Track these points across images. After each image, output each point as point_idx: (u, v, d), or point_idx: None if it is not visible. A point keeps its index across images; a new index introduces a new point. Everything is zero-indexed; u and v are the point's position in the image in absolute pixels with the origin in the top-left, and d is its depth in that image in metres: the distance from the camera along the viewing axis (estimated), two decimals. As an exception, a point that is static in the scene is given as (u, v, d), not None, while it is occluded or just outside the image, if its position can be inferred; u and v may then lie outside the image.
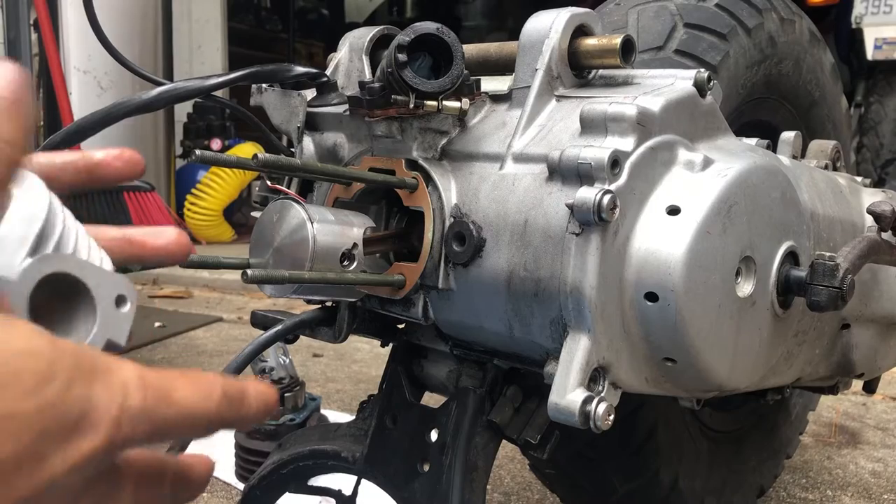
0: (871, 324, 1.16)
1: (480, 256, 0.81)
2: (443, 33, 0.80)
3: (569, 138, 0.80)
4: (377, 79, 0.83)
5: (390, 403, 0.99)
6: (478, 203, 0.82)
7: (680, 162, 0.80)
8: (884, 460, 1.93)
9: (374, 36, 0.99)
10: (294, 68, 0.96)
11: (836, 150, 1.22)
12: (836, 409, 2.26)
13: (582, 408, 0.72)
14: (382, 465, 0.97)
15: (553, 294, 0.75)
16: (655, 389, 0.83)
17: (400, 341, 1.00)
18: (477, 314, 0.83)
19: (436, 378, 0.98)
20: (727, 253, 0.79)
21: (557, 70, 0.85)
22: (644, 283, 0.76)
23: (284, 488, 1.03)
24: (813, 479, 1.82)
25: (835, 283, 0.84)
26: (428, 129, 0.87)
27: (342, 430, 1.02)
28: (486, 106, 0.89)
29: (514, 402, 0.91)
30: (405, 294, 0.86)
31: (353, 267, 0.80)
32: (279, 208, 0.80)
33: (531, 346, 0.81)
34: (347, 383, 2.43)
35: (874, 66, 4.50)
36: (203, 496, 1.71)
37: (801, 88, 1.38)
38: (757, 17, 1.22)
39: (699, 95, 0.84)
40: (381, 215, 0.93)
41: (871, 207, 1.02)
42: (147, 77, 1.09)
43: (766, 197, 0.85)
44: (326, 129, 0.98)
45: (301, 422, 1.74)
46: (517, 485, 1.75)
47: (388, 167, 0.88)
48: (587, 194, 0.71)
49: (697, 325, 0.77)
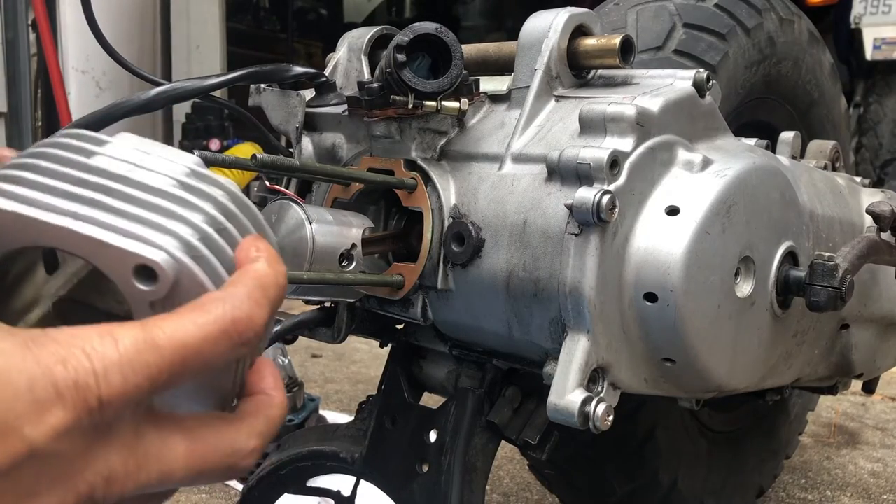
0: (870, 324, 1.16)
1: (479, 257, 0.81)
2: (442, 33, 0.80)
3: (568, 138, 0.80)
4: (376, 79, 0.83)
5: (389, 404, 0.98)
6: (477, 203, 0.82)
7: (679, 162, 0.80)
8: (883, 460, 1.93)
9: (372, 36, 0.99)
10: (293, 68, 0.95)
11: (835, 151, 1.22)
12: (835, 409, 2.26)
13: (581, 408, 0.72)
14: (381, 466, 0.97)
15: (552, 294, 0.75)
16: (655, 390, 0.83)
17: (399, 342, 1.00)
18: (476, 315, 0.83)
19: (435, 379, 0.98)
20: (726, 253, 0.79)
21: (556, 70, 0.85)
22: (643, 284, 0.76)
23: (283, 489, 1.03)
24: (812, 479, 1.82)
25: (834, 283, 0.84)
26: (427, 130, 0.87)
27: (341, 431, 1.02)
28: (485, 106, 0.89)
29: (513, 403, 0.91)
30: (404, 294, 0.86)
31: (352, 267, 0.80)
32: (278, 208, 0.80)
33: (530, 347, 0.81)
34: (346, 384, 2.43)
35: (873, 67, 4.49)
36: (202, 497, 1.71)
37: (801, 88, 1.37)
38: (756, 18, 1.22)
39: (698, 96, 0.83)
40: (380, 216, 0.92)
41: (871, 207, 1.02)
42: (145, 77, 1.08)
43: (766, 197, 0.85)
44: (325, 130, 0.98)
45: (300, 423, 1.74)
46: (516, 485, 1.74)
47: (387, 167, 0.88)
48: (586, 194, 0.71)
49: (696, 325, 0.77)
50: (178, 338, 0.40)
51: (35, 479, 0.36)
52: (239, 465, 0.44)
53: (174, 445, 0.42)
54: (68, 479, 0.38)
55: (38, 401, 0.36)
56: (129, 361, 0.38)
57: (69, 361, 0.37)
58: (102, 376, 0.37)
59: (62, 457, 0.37)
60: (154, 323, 0.40)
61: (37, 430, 0.36)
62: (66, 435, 0.36)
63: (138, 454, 0.40)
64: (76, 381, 0.36)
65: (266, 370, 0.48)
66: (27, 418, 0.35)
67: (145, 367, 0.38)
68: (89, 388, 0.37)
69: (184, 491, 1.72)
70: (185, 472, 0.42)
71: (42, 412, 0.36)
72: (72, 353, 0.37)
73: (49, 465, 0.37)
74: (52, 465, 0.37)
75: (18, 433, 0.35)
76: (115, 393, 0.37)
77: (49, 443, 0.36)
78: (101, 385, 0.37)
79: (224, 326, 0.41)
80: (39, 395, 0.36)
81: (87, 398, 0.37)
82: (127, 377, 0.38)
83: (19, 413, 0.35)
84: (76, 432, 0.37)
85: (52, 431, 0.36)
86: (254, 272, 0.44)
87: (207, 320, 0.41)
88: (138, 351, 0.38)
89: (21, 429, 0.35)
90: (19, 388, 0.35)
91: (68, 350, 0.37)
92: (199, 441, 0.43)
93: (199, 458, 0.43)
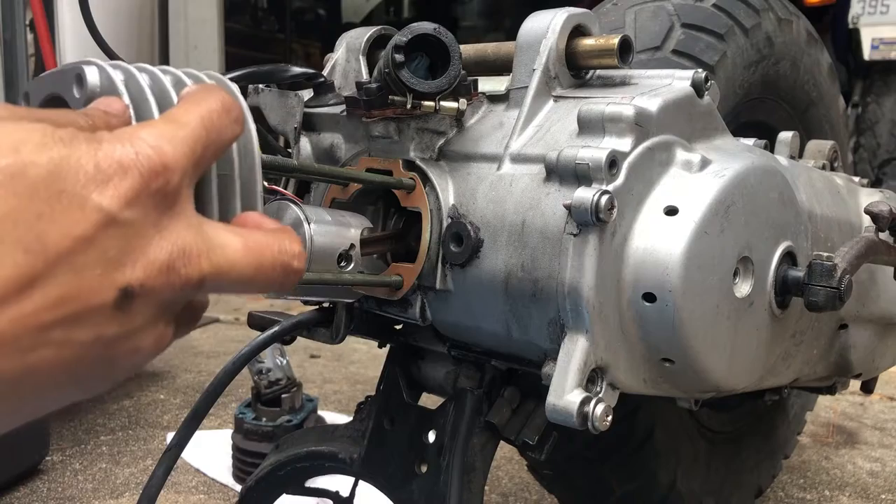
0: (868, 324, 1.16)
1: (478, 257, 0.81)
2: (440, 33, 0.80)
3: (566, 139, 0.80)
4: (374, 79, 0.83)
5: (388, 405, 0.98)
6: (475, 204, 0.82)
7: (678, 162, 0.80)
8: (881, 460, 1.94)
9: (371, 36, 0.99)
10: (291, 69, 0.95)
11: (833, 150, 1.22)
12: (833, 409, 2.26)
13: (580, 409, 0.72)
14: (380, 467, 0.97)
15: (551, 295, 0.75)
16: (653, 390, 0.83)
17: (397, 342, 1.00)
18: (474, 315, 0.83)
19: (433, 379, 0.98)
20: (725, 253, 0.79)
21: (555, 70, 0.85)
22: (642, 284, 0.76)
23: (281, 490, 1.03)
24: (811, 479, 1.82)
25: (832, 283, 0.84)
26: (425, 130, 0.87)
27: (339, 432, 1.02)
28: (484, 106, 0.89)
29: (511, 403, 0.91)
30: (403, 295, 0.86)
31: (351, 268, 0.80)
32: (276, 209, 0.79)
33: (529, 347, 0.81)
34: (345, 384, 2.43)
35: (871, 66, 4.50)
36: (200, 497, 1.71)
37: (799, 89, 1.38)
38: (754, 18, 1.22)
39: (697, 96, 0.83)
40: (379, 216, 0.92)
41: (869, 207, 1.02)
42: (143, 77, 1.08)
43: (764, 197, 0.85)
44: (323, 130, 0.98)
45: (298, 423, 1.74)
46: (515, 486, 1.74)
47: (386, 168, 0.88)
48: (585, 195, 0.71)
49: (695, 325, 0.77)
50: (192, 116, 0.46)
51: (118, 248, 0.40)
52: (292, 265, 0.49)
53: (232, 238, 0.46)
54: (148, 247, 0.42)
55: (105, 173, 0.40)
56: (171, 136, 0.44)
57: (124, 140, 0.42)
58: (156, 147, 0.42)
59: (137, 225, 0.41)
60: (169, 113, 0.47)
61: (109, 198, 0.40)
62: (137, 201, 0.41)
63: (205, 235, 0.45)
64: (137, 153, 0.42)
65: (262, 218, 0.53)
66: (100, 189, 0.40)
67: (183, 140, 0.44)
68: (149, 157, 0.42)
69: (182, 491, 1.72)
70: (247, 263, 0.46)
71: (109, 182, 0.40)
72: (125, 134, 0.42)
73: (127, 233, 0.41)
74: (130, 233, 0.41)
75: (93, 203, 0.39)
76: (170, 158, 0.43)
77: (122, 209, 0.40)
78: (157, 154, 0.42)
79: (220, 103, 0.48)
80: (105, 169, 0.40)
81: (149, 165, 0.42)
82: (176, 146, 0.43)
83: (92, 186, 0.39)
84: (145, 199, 0.41)
85: (123, 198, 0.40)
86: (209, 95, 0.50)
87: (209, 102, 0.48)
88: (173, 129, 0.44)
89: (95, 199, 0.39)
90: (87, 166, 0.40)
91: (120, 134, 0.42)
92: (251, 238, 0.47)
93: (256, 251, 0.47)
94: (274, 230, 0.50)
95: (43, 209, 0.38)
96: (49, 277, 0.38)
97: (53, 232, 0.38)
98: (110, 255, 0.40)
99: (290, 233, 0.51)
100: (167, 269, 0.42)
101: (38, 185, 0.38)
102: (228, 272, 0.45)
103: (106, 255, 0.40)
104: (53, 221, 0.38)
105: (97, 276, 0.39)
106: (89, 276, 0.39)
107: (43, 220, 0.38)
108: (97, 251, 0.39)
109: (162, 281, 0.42)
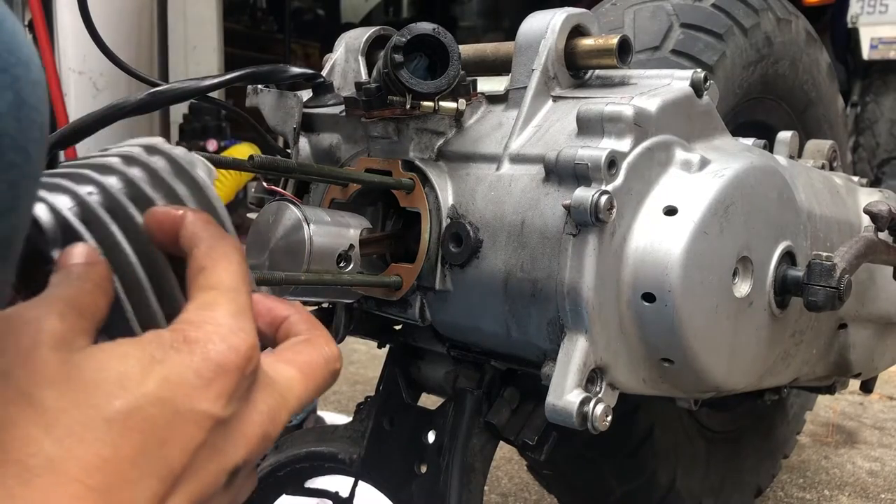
0: (868, 323, 1.16)
1: (477, 257, 0.81)
2: (439, 34, 0.80)
3: (565, 139, 0.80)
4: (373, 80, 0.83)
5: (387, 405, 0.98)
6: (474, 204, 0.82)
7: (677, 162, 0.80)
8: (881, 459, 1.94)
9: (370, 37, 0.99)
10: (290, 69, 0.95)
11: (832, 150, 1.22)
12: (833, 408, 2.26)
13: (579, 409, 0.72)
14: (379, 467, 0.97)
15: (550, 295, 0.75)
16: (653, 390, 0.83)
17: (397, 343, 1.00)
18: (474, 315, 0.83)
19: (433, 379, 0.98)
20: (724, 253, 0.79)
21: (554, 70, 0.85)
22: (641, 284, 0.76)
23: (281, 490, 1.03)
24: (810, 478, 1.82)
25: (832, 282, 0.84)
26: (424, 130, 0.87)
27: (339, 432, 1.02)
28: (483, 106, 0.89)
29: (511, 404, 0.91)
30: (402, 295, 0.86)
31: (350, 268, 0.80)
32: (275, 210, 0.79)
33: (528, 347, 0.81)
34: (344, 385, 2.43)
35: (870, 66, 4.49)
36: (200, 498, 1.71)
37: (798, 88, 1.38)
38: (753, 17, 1.22)
39: (696, 96, 0.83)
40: (378, 216, 0.92)
41: (868, 207, 1.02)
42: (143, 78, 1.08)
43: (763, 197, 0.85)
44: (323, 130, 0.98)
45: (298, 423, 1.74)
46: (515, 486, 1.74)
47: (385, 168, 0.88)
48: (584, 195, 0.71)
49: (694, 325, 0.77)
50: (232, 277, 0.48)
51: (225, 439, 0.44)
52: (337, 367, 0.53)
53: (290, 372, 0.49)
54: (246, 427, 0.45)
55: (206, 378, 0.43)
56: (239, 310, 0.46)
57: (211, 334, 0.44)
58: (238, 330, 0.45)
59: (238, 413, 0.44)
60: (212, 281, 0.47)
61: (213, 402, 0.42)
62: (235, 394, 0.44)
63: (276, 387, 0.48)
64: (228, 347, 0.44)
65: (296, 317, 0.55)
66: (204, 396, 0.42)
67: (246, 308, 0.47)
68: (238, 349, 0.44)
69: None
70: (309, 392, 0.50)
71: (212, 386, 0.43)
72: (207, 326, 0.44)
73: (230, 423, 0.44)
74: (233, 422, 0.44)
75: (201, 412, 0.42)
76: (253, 336, 0.45)
77: (226, 407, 0.43)
78: (244, 340, 0.45)
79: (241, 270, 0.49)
80: (205, 374, 0.43)
81: (245, 354, 0.44)
82: (248, 317, 0.46)
83: (197, 395, 0.42)
84: (242, 387, 0.44)
85: (225, 397, 0.43)
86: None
87: (230, 256, 0.49)
88: (233, 299, 0.46)
89: (203, 408, 0.42)
90: (188, 376, 0.42)
91: (201, 327, 0.44)
92: (303, 363, 0.50)
93: (311, 376, 0.50)
94: (310, 339, 0.52)
95: (164, 435, 0.41)
96: (177, 490, 0.42)
97: (175, 451, 0.41)
98: (219, 447, 0.44)
99: (324, 333, 0.53)
100: (263, 439, 0.46)
101: (155, 414, 0.41)
102: (298, 408, 0.49)
103: (215, 449, 0.43)
104: (175, 444, 0.41)
105: (211, 470, 0.43)
106: (204, 473, 0.43)
107: (167, 446, 0.41)
108: (209, 450, 0.43)
109: (260, 450, 0.46)
